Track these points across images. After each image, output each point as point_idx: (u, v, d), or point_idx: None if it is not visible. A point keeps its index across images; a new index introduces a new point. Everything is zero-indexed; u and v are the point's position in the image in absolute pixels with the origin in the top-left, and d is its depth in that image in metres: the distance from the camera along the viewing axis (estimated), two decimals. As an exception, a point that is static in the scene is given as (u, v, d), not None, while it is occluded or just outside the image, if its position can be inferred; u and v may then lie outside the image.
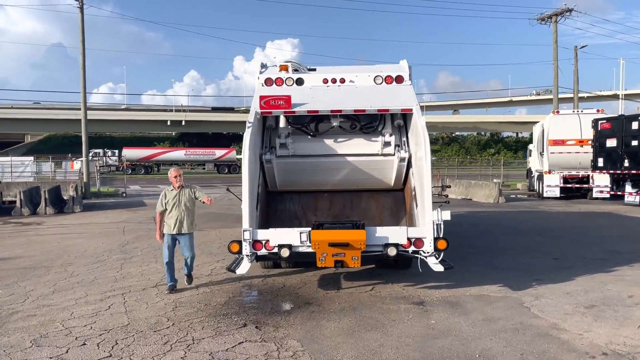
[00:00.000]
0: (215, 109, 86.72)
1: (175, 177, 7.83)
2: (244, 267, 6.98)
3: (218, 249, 11.24)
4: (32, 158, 36.78)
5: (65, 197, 21.45)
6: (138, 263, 9.97)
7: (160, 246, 11.68)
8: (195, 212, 8.01)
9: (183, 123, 75.84)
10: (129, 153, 55.91)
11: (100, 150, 60.23)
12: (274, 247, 6.96)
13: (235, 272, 7.04)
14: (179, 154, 60.70)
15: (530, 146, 29.81)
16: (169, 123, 75.93)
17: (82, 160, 30.10)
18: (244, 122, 7.77)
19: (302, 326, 6.16)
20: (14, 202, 20.04)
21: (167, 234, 7.81)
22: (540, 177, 24.64)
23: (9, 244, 12.59)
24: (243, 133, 7.63)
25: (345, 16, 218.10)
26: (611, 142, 20.76)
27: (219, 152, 59.49)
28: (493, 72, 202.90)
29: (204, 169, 60.44)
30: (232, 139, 78.76)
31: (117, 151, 60.83)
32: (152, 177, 52.74)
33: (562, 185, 23.53)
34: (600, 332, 5.89)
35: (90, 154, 39.35)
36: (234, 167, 57.38)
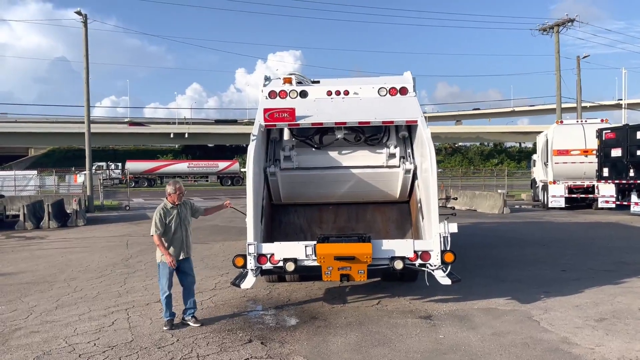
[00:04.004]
0: (218, 122, 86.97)
1: (179, 194, 6.68)
2: (249, 282, 6.91)
3: (222, 262, 11.17)
4: (35, 172, 36.78)
5: (68, 211, 21.41)
6: (142, 277, 9.90)
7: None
8: None
9: (186, 136, 76.03)
10: (132, 166, 55.98)
11: (104, 164, 60.25)
12: (279, 261, 6.89)
13: (239, 287, 6.96)
14: (182, 166, 60.78)
15: (534, 156, 29.73)
16: (172, 136, 76.16)
17: (85, 174, 30.11)
18: (247, 135, 7.74)
19: (309, 342, 6.07)
20: (18, 216, 20.00)
21: (166, 263, 6.66)
22: (545, 188, 24.53)
23: (12, 259, 12.54)
24: (246, 145, 7.61)
25: (345, 28, 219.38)
26: (616, 152, 20.66)
27: (222, 165, 59.59)
28: (493, 82, 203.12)
29: (207, 181, 60.45)
30: (235, 151, 78.85)
31: (120, 164, 60.90)
32: (155, 189, 52.76)
33: (567, 195, 23.41)
34: (612, 346, 5.78)
35: (94, 167, 39.40)
36: (237, 179, 57.42)
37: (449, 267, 6.86)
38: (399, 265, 6.81)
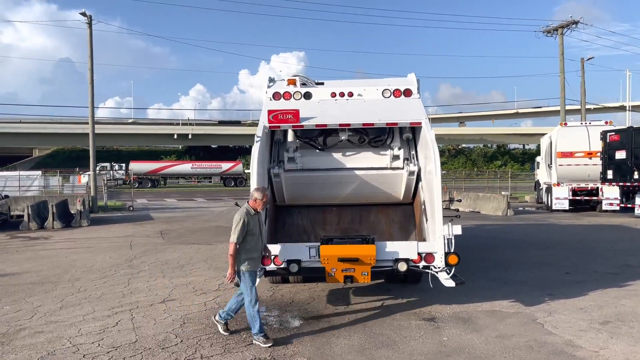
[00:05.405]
0: (221, 123, 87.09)
1: (264, 202, 6.36)
2: (253, 283, 6.90)
3: (226, 264, 11.11)
4: (39, 172, 36.88)
5: (72, 211, 21.47)
6: (145, 278, 9.92)
7: (169, 261, 11.73)
8: None
9: (190, 137, 76.17)
10: (136, 167, 56.00)
11: (108, 164, 60.31)
12: (283, 262, 6.89)
13: (243, 288, 6.95)
14: (185, 167, 60.83)
15: (538, 158, 29.68)
16: (175, 137, 76.30)
17: (89, 174, 30.18)
18: (251, 136, 7.74)
19: (312, 343, 6.08)
20: (22, 216, 20.05)
21: (250, 271, 6.22)
22: (549, 190, 24.48)
23: (16, 259, 12.58)
24: (249, 146, 7.60)
25: (349, 30, 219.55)
26: (620, 154, 20.61)
27: (225, 165, 59.60)
28: (496, 84, 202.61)
29: (210, 182, 60.51)
30: (239, 152, 78.96)
31: (124, 165, 60.98)
32: (158, 190, 52.86)
33: (571, 197, 23.37)
34: (617, 349, 5.76)
35: (98, 168, 39.46)
36: (240, 180, 57.46)
37: (453, 269, 6.85)
38: (402, 267, 6.81)
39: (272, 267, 6.94)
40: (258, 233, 6.33)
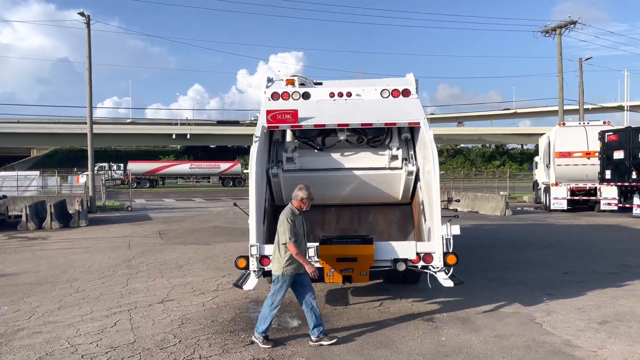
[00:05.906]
0: (220, 123, 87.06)
1: (310, 201, 6.17)
2: (251, 283, 6.91)
3: (224, 264, 11.17)
4: (37, 172, 36.79)
5: (71, 212, 21.43)
6: (144, 278, 9.91)
7: (167, 261, 11.72)
8: None
9: (188, 137, 76.13)
10: (134, 167, 55.96)
11: (106, 164, 60.23)
12: None
13: (242, 288, 6.96)
14: (184, 167, 60.75)
15: (536, 158, 29.71)
16: (174, 137, 76.28)
17: (87, 174, 30.13)
18: (249, 136, 7.73)
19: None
20: (20, 216, 20.01)
21: (291, 276, 6.03)
22: (547, 190, 24.52)
23: (14, 259, 12.56)
24: (248, 146, 7.61)
25: (347, 30, 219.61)
26: (618, 154, 20.63)
27: (224, 165, 59.52)
28: (494, 84, 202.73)
29: (208, 182, 60.44)
30: (237, 152, 78.93)
31: (122, 165, 60.92)
32: (157, 190, 52.81)
33: (569, 197, 23.41)
34: (615, 349, 5.77)
35: (96, 168, 39.41)
36: (238, 180, 57.41)
37: (452, 269, 6.87)
38: (401, 267, 6.81)
39: (271, 267, 6.93)
40: (302, 234, 6.13)
